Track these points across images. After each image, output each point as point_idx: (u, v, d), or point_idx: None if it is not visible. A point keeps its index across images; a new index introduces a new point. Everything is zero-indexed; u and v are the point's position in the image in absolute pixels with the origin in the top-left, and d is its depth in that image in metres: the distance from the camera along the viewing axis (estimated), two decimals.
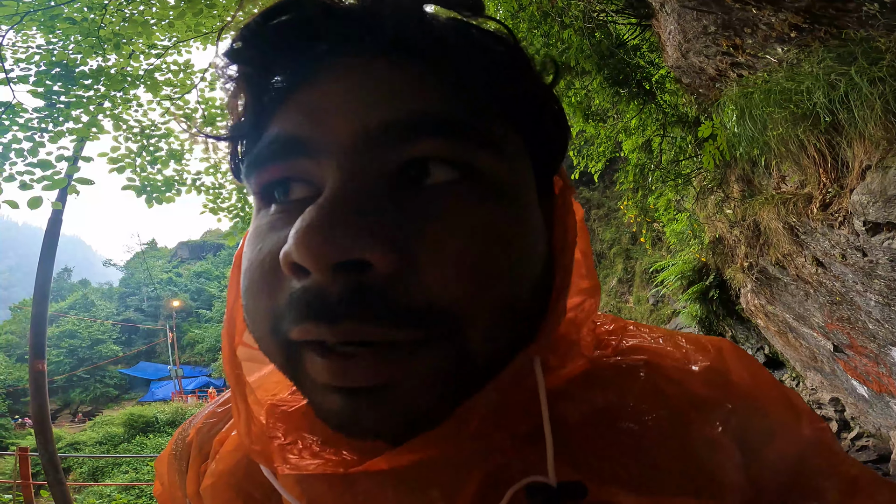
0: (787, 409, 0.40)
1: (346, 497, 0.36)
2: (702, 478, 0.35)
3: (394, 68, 0.33)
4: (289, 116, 0.34)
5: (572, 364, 0.39)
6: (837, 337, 4.01)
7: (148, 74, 4.86)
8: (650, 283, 12.82)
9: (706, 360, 0.41)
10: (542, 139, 0.38)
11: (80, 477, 14.76)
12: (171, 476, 0.51)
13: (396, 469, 0.34)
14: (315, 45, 0.35)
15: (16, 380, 28.19)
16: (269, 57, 0.35)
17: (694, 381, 0.39)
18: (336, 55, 0.35)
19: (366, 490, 0.35)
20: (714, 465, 0.35)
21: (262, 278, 0.33)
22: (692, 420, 0.37)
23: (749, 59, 3.03)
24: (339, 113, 0.32)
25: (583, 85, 5.53)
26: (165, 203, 5.68)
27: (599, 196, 20.95)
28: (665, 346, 0.42)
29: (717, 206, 4.90)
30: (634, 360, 0.41)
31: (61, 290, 48.75)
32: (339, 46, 0.35)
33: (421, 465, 0.34)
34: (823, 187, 2.79)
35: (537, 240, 0.36)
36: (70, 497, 5.45)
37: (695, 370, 0.40)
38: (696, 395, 0.38)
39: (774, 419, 0.39)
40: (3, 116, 4.00)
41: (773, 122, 2.65)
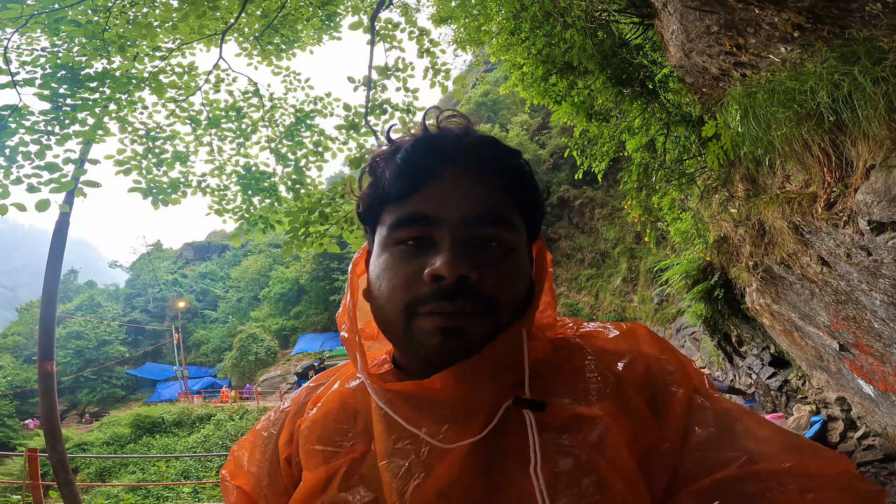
0: (680, 365, 0.65)
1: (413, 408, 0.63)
2: (612, 391, 0.61)
3: (477, 179, 0.64)
4: (425, 202, 0.63)
5: (542, 342, 0.68)
6: (843, 336, 3.99)
7: (152, 77, 4.86)
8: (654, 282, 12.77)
9: (619, 332, 0.71)
10: (533, 221, 0.70)
11: (88, 477, 14.83)
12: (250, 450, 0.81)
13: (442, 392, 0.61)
14: (438, 160, 0.65)
15: (23, 381, 28.21)
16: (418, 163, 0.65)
17: (609, 343, 0.69)
18: (447, 165, 0.64)
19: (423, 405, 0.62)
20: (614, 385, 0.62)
21: (405, 282, 0.62)
22: (605, 362, 0.65)
23: (752, 58, 3.01)
24: (451, 205, 0.63)
25: (585, 84, 5.52)
26: (172, 204, 5.67)
27: (603, 195, 20.86)
28: (598, 329, 0.73)
29: (722, 205, 4.87)
30: (578, 336, 0.72)
31: (68, 291, 49.03)
32: (449, 162, 0.65)
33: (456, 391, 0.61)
34: (828, 186, 2.77)
35: (526, 270, 0.67)
36: (79, 497, 5.45)
37: (610, 338, 0.70)
38: (608, 349, 0.68)
39: (670, 370, 0.64)
40: (10, 119, 4.02)
41: (777, 122, 2.64)
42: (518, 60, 5.86)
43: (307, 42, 6.75)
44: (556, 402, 0.61)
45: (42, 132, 4.10)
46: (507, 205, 0.65)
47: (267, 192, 6.37)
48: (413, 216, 0.63)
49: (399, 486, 0.60)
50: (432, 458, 0.60)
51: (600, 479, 0.54)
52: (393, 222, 0.64)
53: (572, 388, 0.63)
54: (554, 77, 5.72)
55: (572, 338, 0.72)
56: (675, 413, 0.59)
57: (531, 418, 0.59)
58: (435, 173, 0.64)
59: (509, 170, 0.66)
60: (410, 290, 0.61)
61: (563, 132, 20.15)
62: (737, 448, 0.54)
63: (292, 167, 6.35)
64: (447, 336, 0.60)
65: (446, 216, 0.62)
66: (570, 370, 0.65)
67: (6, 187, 4.04)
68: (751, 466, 0.52)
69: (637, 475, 0.55)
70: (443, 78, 6.16)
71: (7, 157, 4.04)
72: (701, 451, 0.56)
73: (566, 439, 0.58)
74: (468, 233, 0.62)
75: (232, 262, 51.10)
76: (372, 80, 5.59)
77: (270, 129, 6.56)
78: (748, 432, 0.56)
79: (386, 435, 0.64)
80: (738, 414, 0.59)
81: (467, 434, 0.59)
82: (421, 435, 0.61)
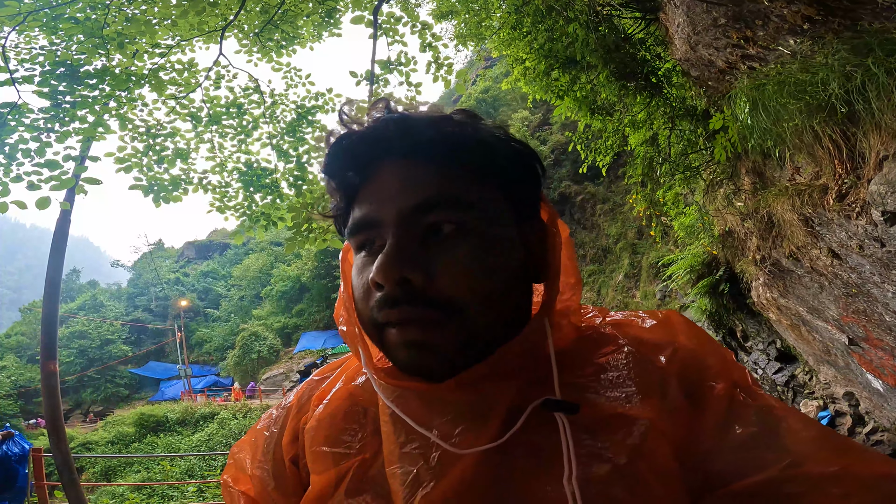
0: (720, 358, 0.59)
1: (423, 406, 0.57)
2: (656, 388, 0.55)
3: (418, 167, 0.57)
4: (363, 204, 0.58)
5: (567, 331, 0.62)
6: (853, 330, 3.95)
7: (152, 74, 4.82)
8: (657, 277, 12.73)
9: (655, 320, 0.64)
10: (519, 192, 0.62)
11: (93, 477, 14.84)
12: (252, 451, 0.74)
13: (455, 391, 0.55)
14: (371, 155, 0.59)
15: (27, 381, 28.21)
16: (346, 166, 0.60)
17: (645, 333, 0.63)
18: (383, 159, 0.59)
19: (435, 404, 0.57)
20: (658, 380, 0.56)
21: (364, 294, 0.58)
22: (645, 354, 0.59)
23: (760, 51, 2.97)
24: (389, 201, 0.56)
25: (588, 79, 5.47)
26: (173, 202, 5.64)
27: (605, 191, 20.81)
28: (630, 317, 0.66)
29: (727, 198, 4.83)
30: (608, 327, 0.65)
31: (70, 291, 49.14)
32: (381, 154, 0.59)
33: (469, 394, 0.55)
34: (839, 178, 2.73)
35: (510, 253, 0.58)
36: (84, 497, 5.43)
37: (646, 327, 0.64)
38: (647, 341, 0.61)
39: (709, 363, 0.58)
40: (9, 117, 3.99)
41: (787, 113, 2.60)
42: (520, 55, 5.81)
43: (307, 38, 6.71)
44: (586, 399, 0.55)
45: (42, 129, 4.06)
46: (458, 183, 0.57)
47: (268, 189, 6.32)
48: (357, 223, 0.59)
49: (406, 495, 0.54)
50: (443, 463, 0.54)
51: (639, 485, 0.49)
52: (347, 233, 0.61)
53: (606, 383, 0.57)
54: (556, 72, 5.67)
55: (601, 326, 0.65)
56: (714, 409, 0.54)
57: (564, 422, 0.52)
58: (368, 172, 0.59)
59: (455, 142, 0.57)
60: (367, 302, 0.57)
61: (564, 128, 20.10)
62: (780, 449, 0.50)
63: (294, 163, 6.31)
64: (414, 350, 0.54)
65: (384, 215, 0.56)
66: (601, 363, 0.59)
67: (6, 185, 4.02)
68: (794, 469, 0.48)
69: (678, 478, 0.51)
70: (445, 72, 6.13)
71: (7, 155, 4.01)
72: (741, 451, 0.51)
73: (600, 441, 0.52)
74: (412, 226, 0.55)
75: (234, 260, 51.16)
76: (374, 74, 5.54)
77: (272, 125, 6.52)
78: (793, 433, 0.51)
79: (394, 437, 0.58)
80: (783, 413, 0.54)
81: (483, 437, 0.53)
82: (432, 438, 0.55)
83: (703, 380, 0.57)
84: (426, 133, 0.58)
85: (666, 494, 0.49)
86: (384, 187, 0.57)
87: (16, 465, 5.49)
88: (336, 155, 0.60)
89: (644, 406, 0.53)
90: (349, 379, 0.71)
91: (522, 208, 0.62)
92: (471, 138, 0.59)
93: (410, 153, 0.58)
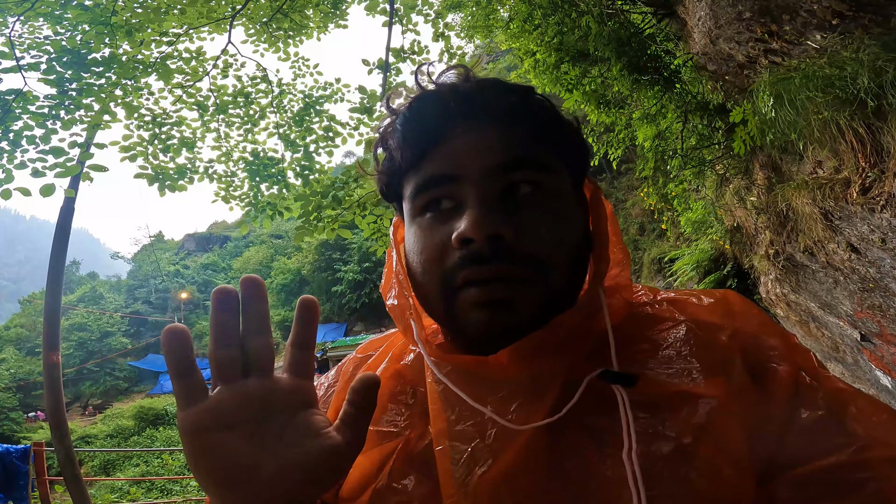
0: (783, 340, 0.56)
1: (476, 384, 0.54)
2: (720, 366, 0.53)
3: (496, 130, 0.57)
4: (440, 161, 0.57)
5: (618, 307, 0.60)
6: (867, 325, 3.92)
7: (160, 62, 4.78)
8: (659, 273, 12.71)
9: (713, 299, 0.61)
10: (574, 162, 0.62)
11: (92, 471, 14.76)
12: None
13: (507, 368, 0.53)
14: (443, 116, 0.58)
15: (26, 374, 27.71)
16: (425, 124, 0.58)
17: (704, 312, 0.59)
18: (460, 122, 0.57)
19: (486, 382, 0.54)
20: (723, 359, 0.53)
21: (436, 253, 0.55)
22: (707, 332, 0.56)
23: (785, 45, 2.94)
24: (471, 158, 0.55)
25: (599, 72, 5.43)
26: (178, 191, 5.63)
27: (607, 187, 20.80)
28: (685, 296, 0.63)
29: (738, 194, 4.80)
30: (663, 303, 0.62)
31: (70, 282, 49.09)
32: (456, 116, 0.57)
33: (523, 366, 0.53)
34: (862, 172, 2.70)
35: (577, 218, 0.59)
36: (87, 493, 5.34)
37: (704, 305, 0.60)
38: (705, 319, 0.58)
39: (772, 345, 0.55)
40: (14, 104, 3.94)
41: (814, 107, 2.57)
42: (531, 47, 5.77)
43: (314, 28, 6.65)
44: (644, 375, 0.53)
45: (47, 117, 4.01)
46: (533, 146, 0.57)
47: (275, 179, 6.29)
48: (430, 179, 0.57)
49: (461, 474, 0.51)
50: (500, 441, 0.51)
51: (708, 467, 0.47)
52: (412, 192, 0.59)
53: (665, 359, 0.54)
54: (566, 65, 5.63)
55: (655, 303, 0.63)
56: (779, 392, 0.52)
57: (623, 395, 0.50)
58: (444, 131, 0.58)
59: (526, 109, 0.59)
60: (442, 262, 0.55)
61: None
62: (849, 434, 0.48)
63: (302, 153, 6.27)
64: (493, 310, 0.52)
65: (466, 171, 0.55)
66: (658, 339, 0.57)
67: (10, 172, 3.97)
68: (863, 454, 0.46)
69: (748, 459, 0.48)
70: (458, 62, 6.07)
71: (11, 142, 3.96)
72: (808, 435, 0.49)
73: (662, 419, 0.50)
74: (495, 184, 0.55)
75: (234, 253, 51.09)
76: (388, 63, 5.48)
77: (279, 114, 6.48)
78: (862, 416, 0.49)
79: (445, 414, 0.55)
80: (852, 396, 0.52)
81: (539, 412, 0.51)
82: (488, 414, 0.52)
83: (767, 361, 0.54)
84: (505, 98, 0.58)
85: (736, 477, 0.47)
86: (464, 145, 0.56)
87: (17, 462, 5.45)
88: (419, 109, 0.59)
89: (709, 384, 0.51)
90: (395, 357, 0.68)
91: (577, 175, 0.63)
92: (541, 106, 0.60)
93: (492, 118, 0.57)
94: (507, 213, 0.53)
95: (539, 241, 0.53)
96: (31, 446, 5.65)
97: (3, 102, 3.79)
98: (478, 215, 0.51)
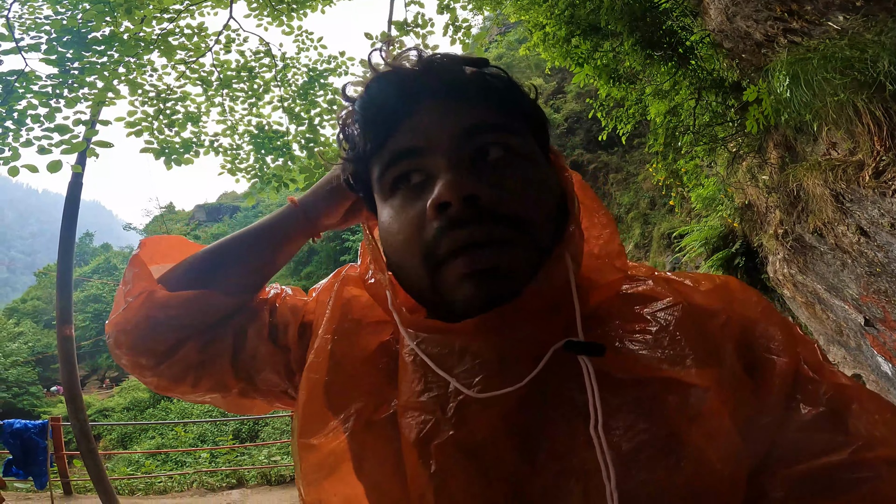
0: (784, 330, 0.54)
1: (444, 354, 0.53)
2: (712, 355, 0.51)
3: (458, 103, 0.55)
4: (404, 137, 0.55)
5: (610, 276, 0.57)
6: (870, 310, 3.89)
7: (161, 39, 4.71)
8: (668, 248, 12.62)
9: (712, 285, 0.59)
10: (537, 129, 0.61)
11: (111, 444, 15.06)
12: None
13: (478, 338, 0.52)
14: (404, 93, 0.56)
15: (44, 346, 27.61)
16: (387, 104, 0.57)
17: (702, 297, 0.57)
18: (422, 99, 0.56)
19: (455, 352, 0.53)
20: (717, 348, 0.52)
21: (413, 229, 0.53)
22: (701, 317, 0.54)
23: (805, 25, 2.85)
24: (435, 129, 0.54)
25: (611, 47, 5.29)
26: (184, 164, 5.65)
27: (618, 160, 20.52)
28: (683, 278, 0.61)
29: (750, 171, 4.71)
30: (660, 282, 0.60)
31: (84, 254, 49.73)
32: (424, 94, 0.56)
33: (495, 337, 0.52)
34: (877, 155, 2.64)
35: (551, 181, 0.57)
36: (103, 466, 5.42)
37: (703, 290, 0.58)
38: (701, 304, 0.56)
39: (772, 335, 0.53)
40: (16, 84, 3.91)
41: (831, 88, 2.50)
42: (540, 20, 5.61)
43: (318, 0, 6.51)
44: (628, 352, 0.51)
45: (51, 95, 3.99)
46: (498, 112, 0.56)
47: (280, 151, 6.29)
48: (396, 154, 0.55)
49: (421, 443, 0.50)
50: (463, 411, 0.50)
51: (694, 456, 0.45)
52: (379, 172, 0.57)
53: (656, 342, 0.52)
54: (577, 39, 5.49)
55: (651, 280, 0.60)
56: (777, 384, 0.50)
57: (588, 366, 0.48)
58: (406, 109, 0.56)
59: (484, 79, 0.57)
60: (421, 236, 0.52)
61: (578, 97, 19.69)
62: (849, 432, 0.46)
63: (306, 126, 6.22)
64: (479, 281, 0.50)
65: (432, 141, 0.53)
66: (649, 319, 0.54)
67: (16, 150, 3.99)
68: (863, 454, 0.45)
69: (739, 453, 0.46)
70: (463, 35, 5.94)
71: (16, 121, 3.96)
72: (806, 431, 0.48)
73: (647, 403, 0.48)
74: (465, 148, 0.53)
75: (243, 222, 51.20)
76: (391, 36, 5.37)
77: (283, 88, 6.42)
78: (866, 414, 0.48)
79: (412, 385, 0.54)
80: (856, 393, 0.50)
81: (505, 385, 0.49)
82: (453, 383, 0.51)
83: (766, 352, 0.52)
84: (462, 70, 0.57)
85: (725, 470, 0.45)
86: (428, 118, 0.55)
87: (35, 437, 5.56)
88: (377, 90, 0.57)
89: (701, 374, 0.49)
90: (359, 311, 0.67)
91: (542, 145, 0.62)
92: (503, 80, 0.59)
93: (451, 92, 0.56)
94: (481, 174, 0.52)
95: (518, 201, 0.51)
96: (48, 421, 5.80)
97: (5, 83, 3.77)
98: (451, 178, 0.50)
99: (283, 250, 0.78)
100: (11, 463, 5.55)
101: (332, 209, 0.76)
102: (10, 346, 24.87)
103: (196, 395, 0.76)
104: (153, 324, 0.69)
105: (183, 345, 0.71)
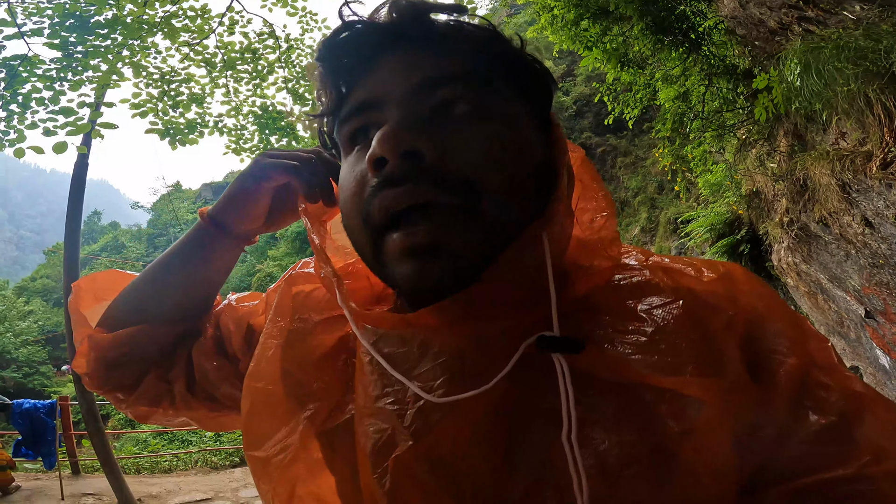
0: (794, 326, 0.47)
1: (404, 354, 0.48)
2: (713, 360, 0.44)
3: (419, 54, 0.49)
4: (362, 91, 0.50)
5: (600, 262, 0.51)
6: (871, 302, 3.87)
7: (165, 21, 4.69)
8: (675, 233, 12.56)
9: (715, 275, 0.51)
10: (530, 89, 0.53)
11: (119, 423, 15.24)
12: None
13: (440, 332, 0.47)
14: (374, 46, 0.51)
15: (54, 325, 27.44)
16: (344, 53, 0.52)
17: (701, 287, 0.49)
18: (388, 52, 0.50)
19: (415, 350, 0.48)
20: (718, 352, 0.45)
21: (356, 186, 0.48)
22: (700, 313, 0.47)
23: (821, 14, 2.80)
24: (393, 80, 0.48)
25: (621, 31, 5.20)
26: (189, 145, 5.71)
27: (627, 144, 20.33)
28: (682, 265, 0.53)
29: (759, 159, 4.66)
30: (656, 270, 0.52)
31: (92, 232, 50.12)
32: (390, 47, 0.50)
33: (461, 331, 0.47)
34: (886, 146, 2.61)
35: (528, 147, 0.49)
36: (109, 446, 5.46)
37: (704, 281, 0.50)
38: (703, 297, 0.48)
39: (780, 332, 0.47)
40: (21, 68, 3.92)
41: (843, 78, 2.45)
42: (548, 2, 5.52)
43: None
44: (618, 353, 0.44)
45: (55, 79, 4.00)
46: (473, 63, 0.49)
47: (284, 132, 6.31)
48: (353, 108, 0.50)
49: (377, 457, 0.45)
50: (424, 419, 0.45)
51: (682, 471, 0.41)
52: (338, 126, 0.53)
53: (650, 345, 0.45)
54: (586, 22, 5.39)
55: (646, 268, 0.53)
56: (782, 389, 0.44)
57: (563, 365, 0.42)
58: (370, 63, 0.50)
59: (460, 27, 0.51)
60: (361, 195, 0.47)
61: (588, 80, 19.45)
62: (859, 444, 0.41)
63: (310, 106, 6.22)
64: (418, 260, 0.44)
65: (389, 93, 0.48)
66: (643, 317, 0.47)
67: (21, 132, 4.03)
68: (873, 467, 0.40)
69: (731, 467, 0.42)
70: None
71: (20, 104, 3.99)
72: (814, 443, 0.42)
73: (636, 412, 0.43)
74: (424, 101, 0.47)
75: None
76: None
77: (287, 69, 6.43)
78: (880, 425, 0.42)
79: (369, 390, 0.49)
80: (870, 401, 0.44)
81: (472, 387, 0.43)
82: (411, 387, 0.45)
83: (772, 352, 0.46)
84: (437, 22, 0.51)
85: (714, 487, 0.41)
86: (388, 70, 0.49)
87: (44, 417, 5.61)
88: (334, 41, 0.52)
89: (699, 384, 0.43)
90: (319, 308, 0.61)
91: (541, 112, 0.55)
92: (484, 29, 0.52)
93: (417, 41, 0.50)
94: (433, 129, 0.45)
95: (470, 161, 0.44)
96: (57, 401, 5.88)
97: (9, 68, 3.78)
98: (388, 129, 0.44)
99: (212, 266, 0.73)
100: (21, 443, 5.62)
101: (244, 214, 0.69)
102: (21, 324, 24.82)
103: (177, 419, 0.76)
104: (108, 364, 0.69)
105: (145, 376, 0.71)
